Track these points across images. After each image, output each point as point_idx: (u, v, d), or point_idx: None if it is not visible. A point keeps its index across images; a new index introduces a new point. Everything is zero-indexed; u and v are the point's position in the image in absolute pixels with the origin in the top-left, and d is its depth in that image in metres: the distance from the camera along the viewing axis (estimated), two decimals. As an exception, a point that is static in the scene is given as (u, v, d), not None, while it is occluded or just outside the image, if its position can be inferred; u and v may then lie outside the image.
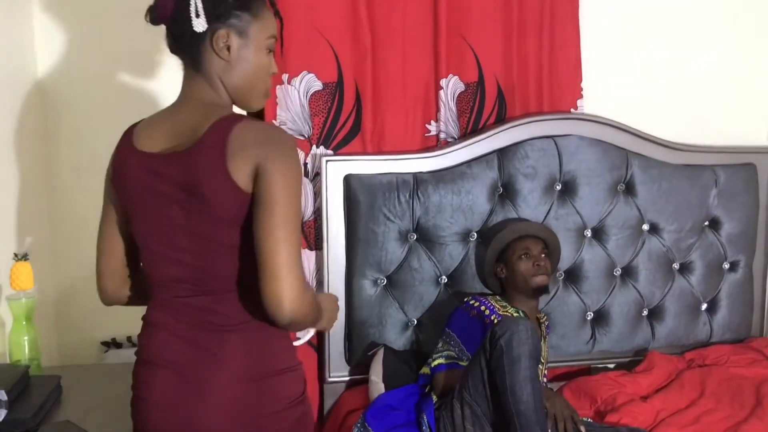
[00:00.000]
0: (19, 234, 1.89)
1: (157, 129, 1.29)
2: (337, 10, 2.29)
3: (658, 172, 2.47)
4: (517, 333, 1.81)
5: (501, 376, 1.80)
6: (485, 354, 1.86)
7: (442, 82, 2.38)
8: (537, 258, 2.17)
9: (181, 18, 1.25)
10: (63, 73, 2.14)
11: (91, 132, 2.15)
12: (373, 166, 2.31)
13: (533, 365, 1.81)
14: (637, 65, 2.60)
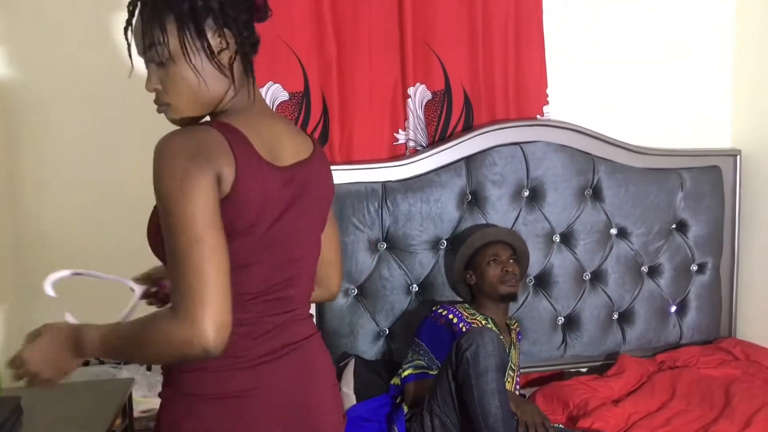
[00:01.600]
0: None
1: (273, 137, 1.19)
2: (302, 20, 2.29)
3: (624, 176, 2.49)
4: (483, 345, 1.80)
5: (468, 389, 1.80)
6: (452, 366, 1.85)
7: (410, 90, 2.38)
8: (505, 263, 2.17)
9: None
10: (22, 84, 2.10)
11: (54, 144, 2.12)
12: (342, 176, 2.30)
13: (500, 377, 1.81)
14: (601, 71, 2.63)
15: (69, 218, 2.17)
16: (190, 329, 0.99)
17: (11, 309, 2.02)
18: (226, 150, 1.09)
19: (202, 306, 1.00)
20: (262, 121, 1.19)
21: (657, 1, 2.65)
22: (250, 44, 1.19)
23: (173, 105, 1.16)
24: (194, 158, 1.05)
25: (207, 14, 1.13)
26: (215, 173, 1.07)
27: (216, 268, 1.02)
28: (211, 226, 1.04)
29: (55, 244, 2.14)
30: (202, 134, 1.09)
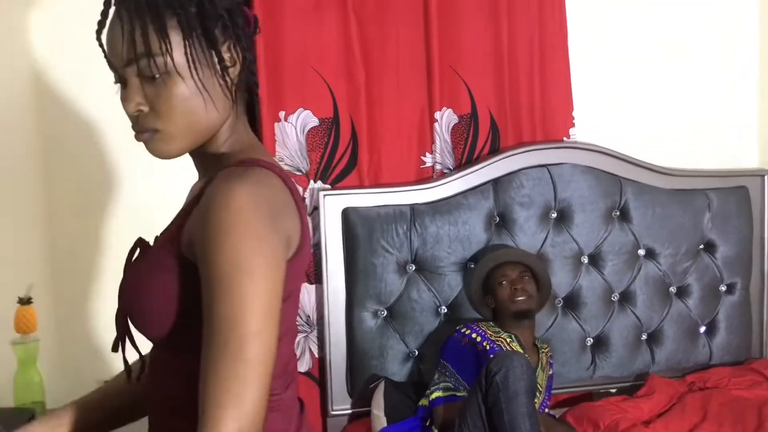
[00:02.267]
0: (22, 278, 1.91)
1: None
2: (331, 47, 2.34)
3: (652, 197, 2.50)
4: (513, 369, 1.82)
5: (498, 413, 1.82)
6: (481, 390, 1.87)
7: (437, 114, 2.42)
8: (515, 282, 2.19)
9: None
10: (63, 117, 2.17)
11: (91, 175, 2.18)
12: (371, 199, 2.34)
13: (530, 400, 1.83)
14: (627, 92, 2.65)
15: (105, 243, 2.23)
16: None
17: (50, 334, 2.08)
18: (290, 201, 0.95)
19: (249, 406, 0.83)
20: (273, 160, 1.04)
21: (680, 20, 2.67)
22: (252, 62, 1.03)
23: (164, 132, 0.95)
24: (269, 219, 0.88)
25: (216, 21, 0.95)
26: (286, 238, 0.92)
27: (269, 365, 0.86)
28: (275, 312, 0.87)
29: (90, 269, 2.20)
30: (268, 181, 0.93)
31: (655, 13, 2.65)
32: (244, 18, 1.00)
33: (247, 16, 1.02)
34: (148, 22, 0.91)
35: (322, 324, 2.36)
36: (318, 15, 2.32)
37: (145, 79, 0.93)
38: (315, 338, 2.41)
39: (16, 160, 2.00)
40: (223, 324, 0.84)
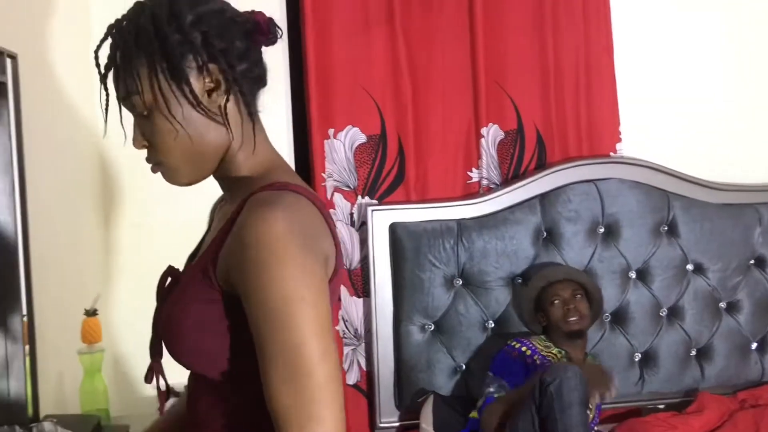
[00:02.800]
0: (87, 290, 1.99)
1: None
2: (379, 65, 2.39)
3: (700, 212, 2.49)
4: (567, 380, 1.84)
5: (552, 423, 1.84)
6: (535, 401, 1.89)
7: (483, 130, 2.45)
8: (568, 301, 2.20)
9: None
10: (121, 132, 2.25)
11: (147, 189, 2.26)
12: (418, 214, 2.37)
13: (583, 411, 1.86)
14: (674, 106, 2.64)
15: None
16: None
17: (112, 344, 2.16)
18: (323, 224, 0.95)
19: (331, 424, 0.84)
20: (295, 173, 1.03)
21: (726, 33, 2.65)
22: (253, 78, 0.99)
23: (166, 164, 0.97)
24: (309, 246, 0.89)
25: (186, 51, 0.93)
26: (324, 260, 0.92)
27: (339, 383, 0.86)
28: (331, 333, 0.88)
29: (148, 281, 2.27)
30: (299, 206, 0.92)
31: (702, 25, 2.64)
32: (243, 31, 0.97)
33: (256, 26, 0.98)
34: (124, 64, 0.94)
35: (369, 337, 2.40)
36: (366, 34, 2.37)
37: (139, 116, 0.96)
38: (363, 351, 2.44)
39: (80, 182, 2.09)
40: (288, 354, 0.84)
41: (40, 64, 1.83)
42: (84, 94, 2.18)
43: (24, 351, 1.52)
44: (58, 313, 1.80)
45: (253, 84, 0.99)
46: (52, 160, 1.89)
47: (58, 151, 1.95)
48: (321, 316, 0.86)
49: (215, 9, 0.96)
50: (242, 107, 0.97)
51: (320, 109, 2.35)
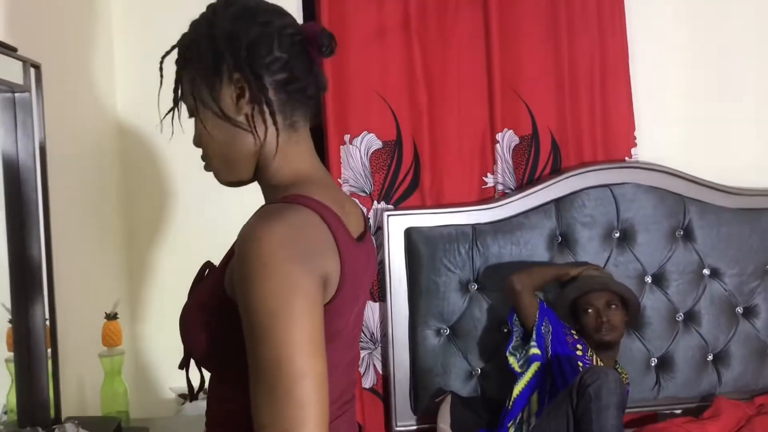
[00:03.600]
0: (108, 294, 2.03)
1: (341, 205, 1.01)
2: (394, 71, 2.41)
3: (716, 217, 2.48)
4: (607, 382, 1.86)
5: (587, 424, 1.85)
6: (572, 402, 1.90)
7: (498, 136, 2.46)
8: (601, 312, 2.20)
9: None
10: (141, 135, 2.29)
11: (166, 191, 2.30)
12: (433, 219, 2.39)
13: (620, 414, 1.88)
14: (690, 111, 2.63)
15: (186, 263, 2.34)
16: None
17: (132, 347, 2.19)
18: (329, 240, 0.93)
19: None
20: (332, 187, 1.04)
21: (741, 37, 2.64)
22: (293, 89, 1.00)
23: (208, 164, 1.04)
24: (301, 260, 0.88)
25: (219, 61, 0.98)
26: (322, 278, 0.90)
27: (322, 403, 0.85)
28: (319, 351, 0.87)
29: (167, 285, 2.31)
30: (301, 220, 0.92)
31: (717, 30, 2.63)
32: (289, 43, 1.00)
33: (307, 37, 1.02)
34: (176, 71, 1.03)
35: (385, 341, 2.42)
36: (382, 41, 2.40)
37: (193, 119, 1.03)
38: (379, 355, 2.46)
39: (101, 189, 2.13)
40: (268, 369, 0.85)
41: (64, 73, 1.87)
42: (107, 101, 2.23)
43: (46, 354, 1.55)
44: (80, 317, 1.84)
45: (292, 94, 1.00)
46: (74, 165, 1.93)
47: (80, 157, 2.00)
48: (307, 334, 0.86)
49: (259, 21, 1.00)
50: (268, 116, 0.99)
51: (336, 116, 2.38)
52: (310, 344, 0.86)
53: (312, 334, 0.86)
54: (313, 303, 0.88)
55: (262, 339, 0.85)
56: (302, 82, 1.01)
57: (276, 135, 1.00)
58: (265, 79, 0.98)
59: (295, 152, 1.03)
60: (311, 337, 0.86)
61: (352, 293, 0.97)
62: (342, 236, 0.95)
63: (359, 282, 1.01)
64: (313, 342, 0.86)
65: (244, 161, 1.02)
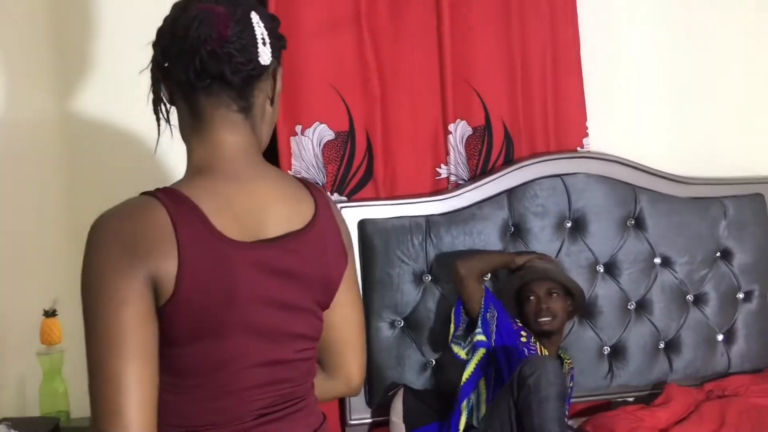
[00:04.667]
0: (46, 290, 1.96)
1: (250, 205, 1.00)
2: (346, 63, 2.38)
3: (667, 206, 2.51)
4: (545, 373, 1.85)
5: (528, 416, 1.84)
6: (513, 394, 1.90)
7: (450, 126, 2.45)
8: (540, 299, 2.20)
9: (241, 43, 1.00)
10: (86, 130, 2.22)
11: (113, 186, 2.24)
12: (386, 211, 2.37)
13: (560, 405, 1.87)
14: (641, 101, 2.66)
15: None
16: None
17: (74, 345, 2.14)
18: (169, 243, 0.92)
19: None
20: (235, 183, 1.01)
21: (694, 28, 2.67)
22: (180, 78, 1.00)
23: None
24: (124, 257, 0.91)
25: (155, 63, 1.04)
26: (149, 277, 0.91)
27: (111, 404, 0.88)
28: (121, 349, 0.89)
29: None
30: (142, 214, 0.93)
31: (668, 20, 2.65)
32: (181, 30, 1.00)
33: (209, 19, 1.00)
34: None
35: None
36: (333, 32, 2.36)
37: None
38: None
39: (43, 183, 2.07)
40: (85, 338, 0.93)
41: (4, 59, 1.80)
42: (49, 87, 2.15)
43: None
44: (18, 315, 1.78)
45: (186, 83, 1.00)
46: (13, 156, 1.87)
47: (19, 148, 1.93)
48: (106, 331, 0.89)
49: (167, 16, 1.04)
50: (164, 109, 1.06)
51: (286, 107, 2.34)
52: (106, 341, 0.89)
53: (109, 331, 0.89)
54: (118, 300, 0.89)
55: (83, 313, 0.93)
56: (184, 70, 1.00)
57: (179, 125, 1.06)
58: (158, 72, 1.03)
59: (198, 143, 1.03)
60: (108, 334, 0.89)
61: (219, 295, 0.94)
62: (190, 235, 0.93)
63: (244, 285, 0.97)
64: (111, 339, 0.89)
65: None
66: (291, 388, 1.08)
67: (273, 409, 1.05)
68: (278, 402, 1.06)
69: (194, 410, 1.00)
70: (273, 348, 1.04)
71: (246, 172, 1.03)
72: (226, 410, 1.01)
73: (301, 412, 1.09)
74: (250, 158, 1.05)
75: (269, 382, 1.05)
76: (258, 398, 1.04)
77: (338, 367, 1.20)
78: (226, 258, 0.95)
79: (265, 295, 1.00)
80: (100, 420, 0.89)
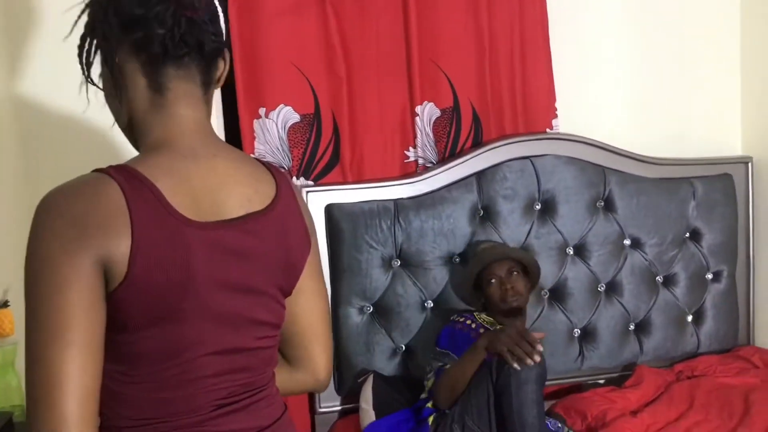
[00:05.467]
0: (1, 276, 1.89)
1: (208, 184, 0.97)
2: (311, 43, 2.33)
3: (636, 186, 2.50)
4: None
5: (507, 399, 1.83)
6: (491, 377, 1.87)
7: (418, 108, 2.41)
8: (504, 281, 2.17)
9: (211, 14, 0.99)
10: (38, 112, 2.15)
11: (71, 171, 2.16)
12: (354, 195, 2.33)
13: (539, 389, 1.85)
14: (609, 82, 2.65)
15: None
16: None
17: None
18: (121, 223, 0.87)
19: (39, 425, 0.83)
20: (193, 161, 0.97)
21: (662, 10, 2.66)
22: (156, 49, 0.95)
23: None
24: (72, 236, 0.86)
25: (86, 26, 0.99)
26: (98, 259, 0.86)
27: (53, 390, 0.83)
28: (65, 333, 0.84)
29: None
30: (93, 191, 0.89)
31: (639, 1, 2.64)
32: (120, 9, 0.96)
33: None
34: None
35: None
36: (297, 12, 2.30)
37: None
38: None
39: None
40: (26, 324, 0.86)
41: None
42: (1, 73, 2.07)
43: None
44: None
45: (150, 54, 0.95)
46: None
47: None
48: (47, 315, 0.84)
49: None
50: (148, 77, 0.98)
51: (248, 89, 2.28)
52: (48, 325, 0.83)
53: (50, 315, 0.84)
54: (63, 284, 0.84)
55: (25, 297, 0.87)
56: (161, 40, 0.94)
57: (129, 101, 0.98)
58: (113, 40, 0.95)
59: (156, 119, 0.98)
60: (50, 318, 0.84)
61: (174, 278, 0.90)
62: (144, 213, 0.88)
63: (201, 268, 0.92)
64: (53, 323, 0.84)
65: (125, 130, 1.00)
66: (251, 377, 1.04)
67: (231, 399, 1.01)
68: (237, 392, 1.02)
69: (148, 401, 0.95)
70: (231, 334, 1.00)
71: (204, 149, 0.99)
72: (182, 400, 0.97)
73: (261, 402, 1.05)
74: (208, 136, 1.01)
75: (227, 370, 1.00)
76: (216, 388, 0.99)
77: (304, 360, 1.15)
78: (183, 238, 0.91)
79: (223, 278, 0.96)
80: (34, 415, 0.84)
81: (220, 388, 1.00)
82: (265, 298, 1.04)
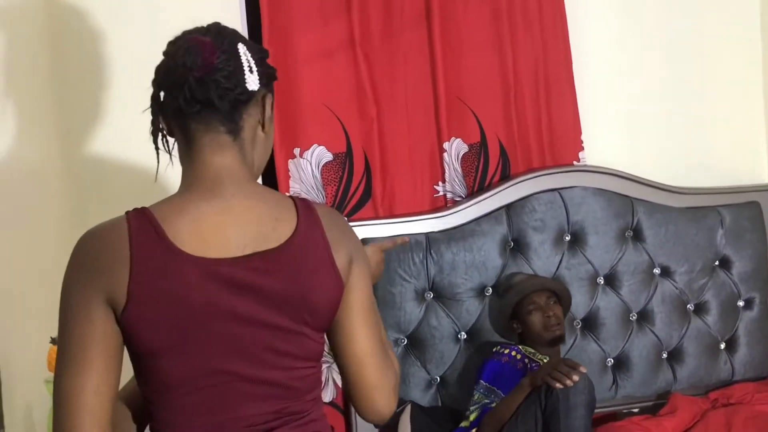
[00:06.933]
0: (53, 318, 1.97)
1: (209, 222, 1.04)
2: (342, 86, 2.41)
3: (664, 216, 2.53)
4: (575, 382, 1.85)
5: (555, 425, 1.85)
6: (540, 403, 1.90)
7: (445, 145, 2.48)
8: (546, 308, 2.21)
9: (227, 70, 1.06)
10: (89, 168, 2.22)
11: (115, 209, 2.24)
12: (386, 229, 2.39)
13: (588, 414, 1.87)
14: (635, 114, 2.69)
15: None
16: None
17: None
18: (124, 260, 0.99)
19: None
20: (208, 202, 1.06)
21: (683, 39, 2.70)
22: (174, 106, 1.08)
23: None
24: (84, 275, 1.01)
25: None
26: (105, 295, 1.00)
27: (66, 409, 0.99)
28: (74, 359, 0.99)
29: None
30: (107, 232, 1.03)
31: (660, 33, 2.69)
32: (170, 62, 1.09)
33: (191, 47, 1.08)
34: None
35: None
36: (328, 56, 2.40)
37: None
38: (337, 369, 2.43)
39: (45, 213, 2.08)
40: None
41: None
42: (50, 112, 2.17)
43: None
44: (24, 342, 1.79)
45: (174, 111, 1.09)
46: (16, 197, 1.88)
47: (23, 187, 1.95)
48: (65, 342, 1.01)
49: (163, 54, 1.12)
50: (161, 138, 1.15)
51: (283, 130, 2.37)
52: (65, 350, 1.00)
53: (68, 342, 1.00)
54: (75, 313, 1.00)
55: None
56: (177, 100, 1.07)
57: (179, 153, 1.14)
58: (155, 105, 1.12)
59: (188, 166, 1.12)
60: (68, 344, 1.00)
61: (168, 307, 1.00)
62: (143, 249, 1.00)
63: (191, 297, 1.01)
64: (68, 349, 1.00)
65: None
66: (284, 404, 1.10)
67: (264, 426, 1.08)
68: (270, 420, 1.09)
69: (182, 426, 1.06)
70: (250, 364, 1.06)
71: (226, 191, 1.08)
72: (217, 426, 1.05)
73: (298, 430, 1.11)
74: (236, 179, 1.09)
75: (258, 397, 1.07)
76: (245, 414, 1.07)
77: (365, 404, 1.19)
78: (178, 270, 1.01)
79: (227, 310, 1.03)
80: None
81: (250, 414, 1.07)
82: (285, 331, 1.08)
